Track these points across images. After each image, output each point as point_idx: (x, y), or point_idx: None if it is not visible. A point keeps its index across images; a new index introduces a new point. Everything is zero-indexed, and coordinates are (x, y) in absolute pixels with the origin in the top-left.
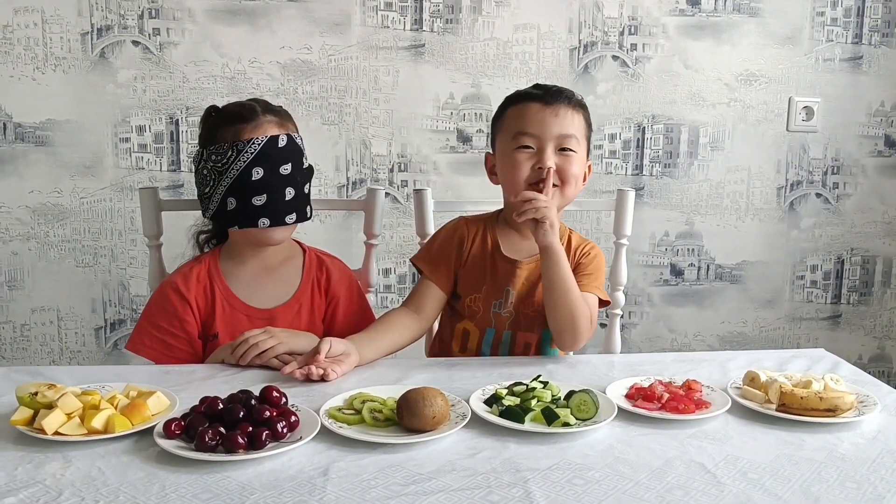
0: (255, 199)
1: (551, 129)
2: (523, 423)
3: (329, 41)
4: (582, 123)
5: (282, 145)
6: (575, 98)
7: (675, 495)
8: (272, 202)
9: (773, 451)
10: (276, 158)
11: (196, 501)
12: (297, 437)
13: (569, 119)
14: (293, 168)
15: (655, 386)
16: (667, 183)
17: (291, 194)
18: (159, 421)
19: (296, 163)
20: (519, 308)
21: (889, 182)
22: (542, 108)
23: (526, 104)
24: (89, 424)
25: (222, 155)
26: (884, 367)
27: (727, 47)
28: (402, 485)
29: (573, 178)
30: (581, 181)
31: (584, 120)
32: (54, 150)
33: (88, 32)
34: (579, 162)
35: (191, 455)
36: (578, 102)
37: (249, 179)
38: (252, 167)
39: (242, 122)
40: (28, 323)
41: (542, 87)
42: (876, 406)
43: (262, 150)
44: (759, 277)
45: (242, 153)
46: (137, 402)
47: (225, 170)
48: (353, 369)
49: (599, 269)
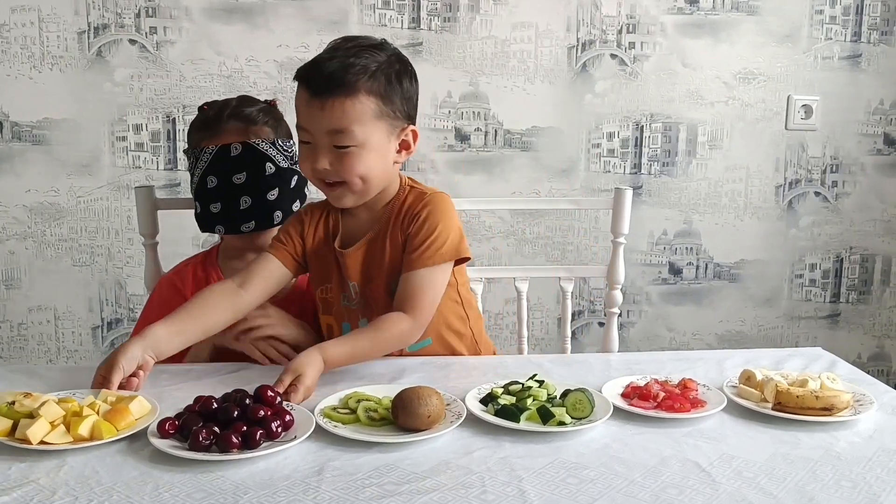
0: (212, 206)
1: (320, 124)
2: (519, 422)
3: (326, 39)
4: (366, 108)
5: (235, 154)
6: (354, 79)
7: (670, 494)
8: (226, 210)
9: (769, 450)
10: (228, 168)
11: (190, 501)
12: (292, 437)
13: (339, 111)
14: (249, 176)
15: (651, 385)
16: (665, 181)
17: (247, 203)
18: (143, 425)
19: (254, 171)
20: (364, 294)
21: (888, 180)
22: (310, 101)
23: (300, 90)
24: (76, 432)
25: (189, 158)
26: (883, 366)
27: (726, 45)
28: (397, 484)
29: (356, 177)
30: (379, 171)
31: (371, 101)
32: (51, 148)
33: (85, 31)
34: (361, 157)
35: (185, 455)
36: (361, 83)
37: (205, 187)
38: (207, 175)
39: (204, 129)
40: (25, 322)
41: (316, 67)
42: (872, 405)
43: (214, 158)
44: (758, 276)
45: (199, 160)
46: (120, 408)
47: (192, 174)
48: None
49: (436, 230)
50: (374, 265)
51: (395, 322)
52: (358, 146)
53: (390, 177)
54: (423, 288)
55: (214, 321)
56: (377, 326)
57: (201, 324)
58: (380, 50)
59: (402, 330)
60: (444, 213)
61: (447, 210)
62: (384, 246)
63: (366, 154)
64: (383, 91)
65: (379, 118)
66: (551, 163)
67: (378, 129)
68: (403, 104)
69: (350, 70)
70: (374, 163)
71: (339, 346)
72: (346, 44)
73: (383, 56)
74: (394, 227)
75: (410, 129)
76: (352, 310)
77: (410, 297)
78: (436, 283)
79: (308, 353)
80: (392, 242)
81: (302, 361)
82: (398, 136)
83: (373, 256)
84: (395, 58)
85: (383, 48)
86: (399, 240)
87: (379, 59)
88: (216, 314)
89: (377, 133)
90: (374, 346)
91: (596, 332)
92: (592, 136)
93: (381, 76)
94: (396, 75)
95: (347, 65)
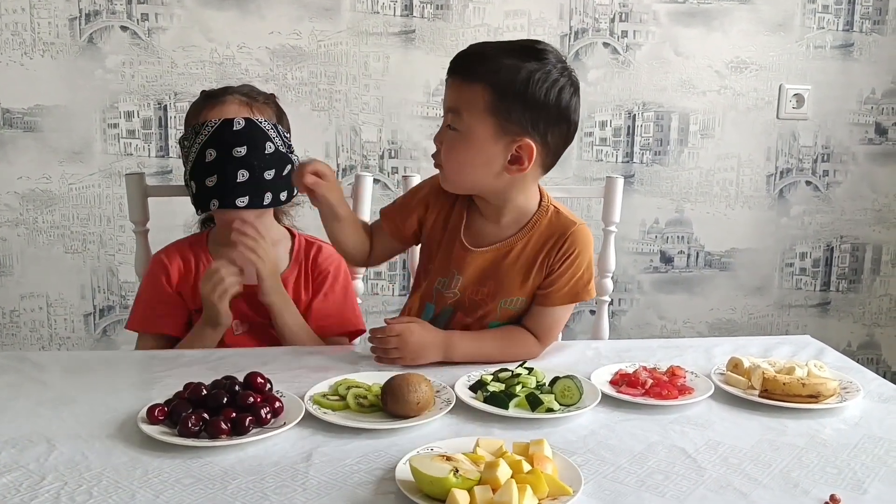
0: (207, 180)
1: (445, 99)
2: (508, 408)
3: (319, 26)
4: (479, 97)
5: (238, 128)
6: (480, 67)
7: (656, 479)
8: (222, 184)
9: (755, 437)
10: (230, 140)
11: (178, 486)
12: (281, 423)
13: (456, 91)
14: (249, 151)
15: (639, 372)
16: (657, 170)
17: (244, 177)
18: None
19: (254, 146)
20: (465, 292)
21: (879, 170)
22: (445, 77)
23: None
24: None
25: (186, 142)
26: (872, 355)
27: (718, 34)
28: (385, 469)
29: (449, 162)
30: (477, 169)
31: (487, 93)
32: (43, 135)
33: (76, 17)
34: (459, 144)
35: (174, 440)
36: (482, 73)
37: (203, 161)
38: (206, 148)
39: (206, 100)
40: (17, 309)
41: (465, 49)
42: (859, 392)
43: (216, 131)
44: (749, 265)
45: (199, 135)
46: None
47: (188, 154)
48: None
49: (582, 268)
50: (495, 275)
51: (527, 342)
52: (461, 132)
53: (497, 186)
54: (559, 322)
55: (359, 231)
56: (509, 338)
57: (357, 221)
58: (531, 54)
59: (529, 352)
60: (588, 250)
61: (589, 246)
62: (515, 260)
63: (466, 144)
64: (503, 89)
65: (491, 114)
66: None
67: (486, 124)
68: (526, 114)
69: (481, 58)
70: (470, 156)
71: (467, 340)
72: (507, 40)
73: (532, 61)
74: (534, 245)
75: (526, 142)
76: (443, 295)
77: (547, 329)
78: (568, 315)
79: (434, 331)
80: (526, 260)
81: (416, 333)
82: (509, 144)
83: (497, 266)
84: (543, 71)
85: (539, 56)
86: (536, 260)
87: (518, 62)
88: (362, 232)
89: (483, 127)
90: (499, 354)
91: (587, 320)
92: (585, 125)
93: (507, 74)
94: (530, 83)
95: (482, 53)
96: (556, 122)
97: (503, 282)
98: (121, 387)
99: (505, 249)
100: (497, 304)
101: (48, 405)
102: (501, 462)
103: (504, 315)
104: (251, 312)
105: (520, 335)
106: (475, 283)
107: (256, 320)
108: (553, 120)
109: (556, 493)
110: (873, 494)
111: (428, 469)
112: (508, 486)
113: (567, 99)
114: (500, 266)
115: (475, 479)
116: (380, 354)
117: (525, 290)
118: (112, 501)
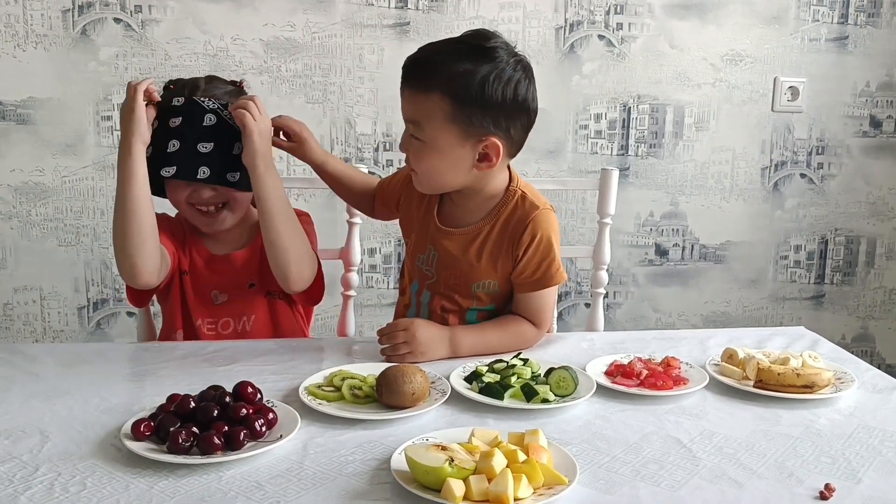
0: (169, 145)
1: (403, 110)
2: (503, 399)
3: (313, 18)
4: (437, 108)
5: (177, 104)
6: (430, 77)
7: (650, 469)
8: (157, 154)
9: (750, 427)
10: (169, 115)
11: (173, 476)
12: (277, 436)
13: (413, 103)
14: (184, 122)
15: (635, 363)
16: (652, 163)
17: (174, 147)
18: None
19: (191, 119)
20: (440, 272)
21: (874, 162)
22: (401, 85)
23: None
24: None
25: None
26: (867, 347)
27: (713, 27)
28: (380, 459)
29: (420, 170)
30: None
31: (445, 103)
32: (36, 128)
33: (70, 9)
34: (425, 154)
35: (164, 458)
36: (436, 83)
37: (167, 127)
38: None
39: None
40: (11, 302)
41: (415, 53)
42: (853, 383)
43: (160, 109)
44: (743, 257)
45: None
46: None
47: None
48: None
49: (550, 251)
50: (465, 257)
51: (525, 328)
52: (426, 142)
53: (469, 180)
54: (547, 304)
55: (351, 177)
56: (505, 327)
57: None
58: (482, 55)
59: (527, 338)
60: (550, 234)
61: (552, 229)
62: (483, 245)
63: (433, 153)
64: (460, 97)
65: (452, 122)
66: (539, 144)
67: (449, 133)
68: (487, 116)
69: (433, 66)
70: (439, 163)
71: (470, 333)
72: (454, 39)
73: (484, 63)
74: (500, 229)
75: (492, 141)
76: (423, 273)
77: (537, 313)
78: (553, 296)
79: (439, 326)
80: (493, 244)
81: (423, 328)
82: (475, 145)
83: (465, 249)
84: (497, 71)
85: (490, 55)
86: (502, 244)
87: (470, 66)
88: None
89: (446, 136)
90: (502, 343)
91: (582, 313)
92: (580, 118)
93: (462, 80)
94: (485, 86)
95: (434, 61)
96: (517, 116)
97: (473, 265)
98: (114, 379)
99: (473, 233)
100: (471, 287)
101: (41, 397)
102: (497, 452)
103: (480, 299)
104: (230, 280)
105: (517, 323)
106: (447, 266)
107: (235, 291)
108: (514, 115)
109: (551, 483)
110: (867, 484)
111: (423, 459)
112: (504, 475)
113: (524, 92)
114: (469, 250)
115: (470, 468)
116: (389, 351)
117: (497, 273)
118: (106, 492)
